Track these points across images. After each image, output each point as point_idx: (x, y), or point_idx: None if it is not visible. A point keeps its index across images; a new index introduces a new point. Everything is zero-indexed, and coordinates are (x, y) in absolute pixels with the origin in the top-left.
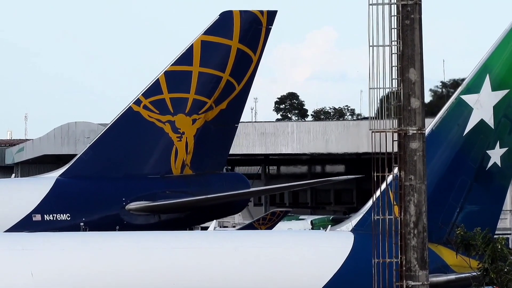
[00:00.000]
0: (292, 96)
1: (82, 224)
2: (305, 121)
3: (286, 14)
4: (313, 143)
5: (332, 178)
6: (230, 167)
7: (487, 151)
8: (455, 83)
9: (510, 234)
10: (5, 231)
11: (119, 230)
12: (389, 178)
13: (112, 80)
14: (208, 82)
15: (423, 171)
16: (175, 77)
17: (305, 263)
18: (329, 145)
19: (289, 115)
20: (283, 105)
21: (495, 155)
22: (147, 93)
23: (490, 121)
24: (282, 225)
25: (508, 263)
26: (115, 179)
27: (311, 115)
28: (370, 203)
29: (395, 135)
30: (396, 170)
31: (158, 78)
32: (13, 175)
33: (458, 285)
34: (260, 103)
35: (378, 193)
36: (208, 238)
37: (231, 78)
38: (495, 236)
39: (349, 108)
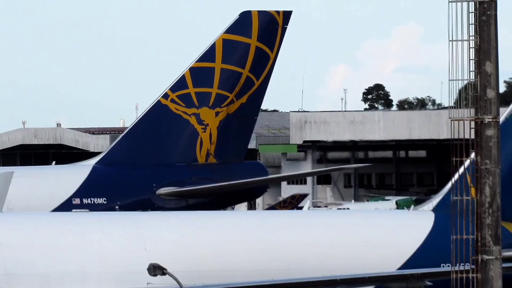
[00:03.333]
0: (379, 87)
1: (117, 207)
2: (390, 110)
3: (373, 11)
4: (398, 130)
5: (344, 166)
6: (322, 153)
7: None
8: None
9: None
10: None
11: None
12: (467, 162)
13: None
14: (230, 78)
15: (498, 156)
16: (199, 73)
17: (391, 239)
18: (412, 132)
19: (376, 105)
20: (370, 96)
21: None
22: (174, 88)
23: None
24: (369, 205)
25: None
26: (146, 166)
27: (396, 104)
28: (449, 185)
29: (472, 123)
30: (473, 155)
31: (184, 74)
32: (54, 162)
33: None
34: (349, 94)
35: (456, 176)
36: (305, 217)
37: (251, 74)
38: None
39: (430, 99)
